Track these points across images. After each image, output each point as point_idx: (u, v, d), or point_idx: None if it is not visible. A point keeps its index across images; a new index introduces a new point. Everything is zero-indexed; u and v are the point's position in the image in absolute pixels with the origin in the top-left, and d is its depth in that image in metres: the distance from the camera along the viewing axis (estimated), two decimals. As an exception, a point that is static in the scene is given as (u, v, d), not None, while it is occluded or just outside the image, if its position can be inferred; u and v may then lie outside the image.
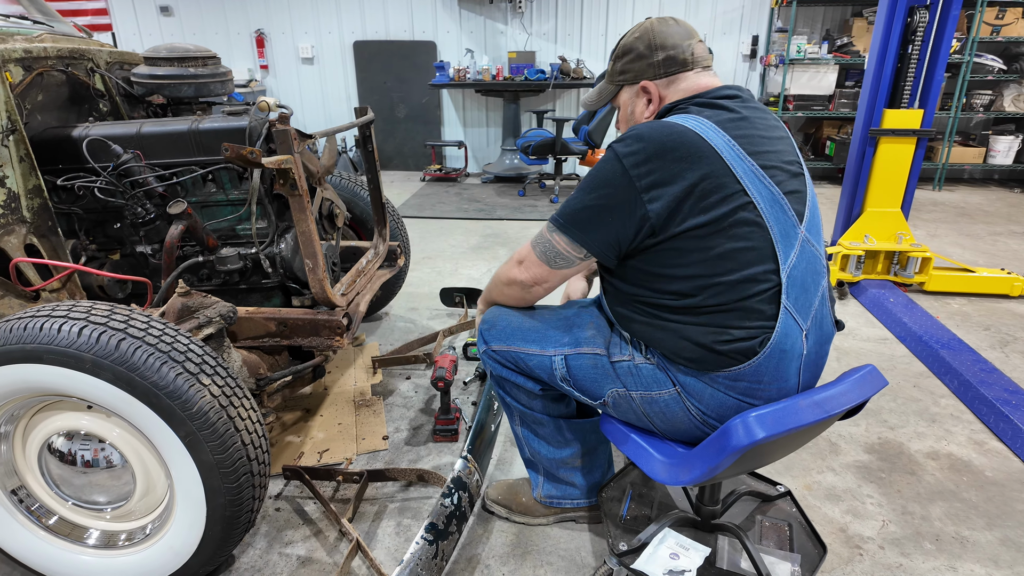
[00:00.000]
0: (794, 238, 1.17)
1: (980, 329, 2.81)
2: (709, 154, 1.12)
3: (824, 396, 1.12)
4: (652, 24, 1.29)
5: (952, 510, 1.73)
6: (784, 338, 1.15)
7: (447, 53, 6.05)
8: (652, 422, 1.30)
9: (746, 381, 1.17)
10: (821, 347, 1.23)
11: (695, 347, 1.18)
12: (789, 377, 1.19)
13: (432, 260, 3.77)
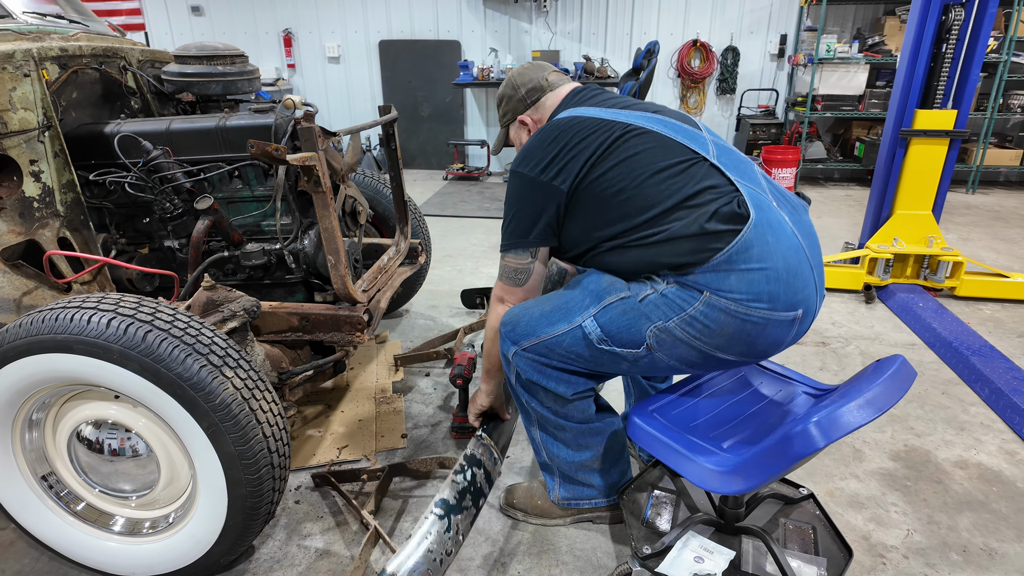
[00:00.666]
0: (702, 139, 1.36)
1: (1014, 336, 2.73)
2: (587, 122, 1.36)
3: (872, 395, 1.10)
4: (512, 72, 1.60)
5: (980, 521, 1.68)
6: (753, 195, 1.26)
7: (471, 52, 6.07)
8: (702, 345, 1.29)
9: (756, 248, 1.21)
10: (799, 216, 1.34)
11: (689, 240, 1.25)
12: (790, 239, 1.25)
13: (453, 259, 3.78)
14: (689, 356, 1.32)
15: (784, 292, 1.23)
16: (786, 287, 1.23)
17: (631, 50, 5.87)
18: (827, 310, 3.00)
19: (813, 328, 2.79)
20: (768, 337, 1.27)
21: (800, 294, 1.25)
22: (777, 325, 1.25)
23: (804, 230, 1.31)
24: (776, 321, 1.25)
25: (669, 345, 1.31)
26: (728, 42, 5.71)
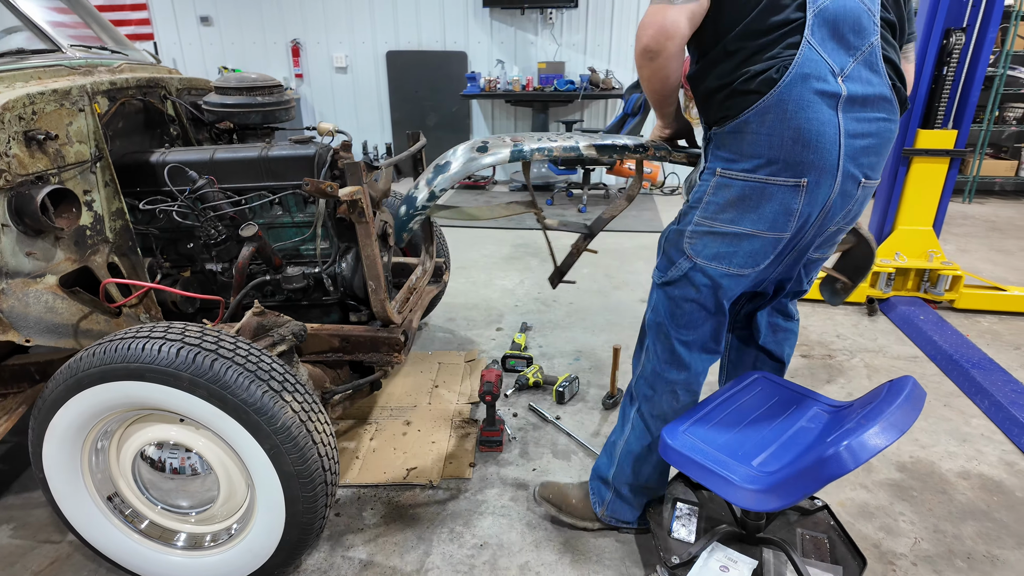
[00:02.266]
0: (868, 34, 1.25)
1: (1011, 348, 2.84)
2: None
3: (894, 418, 1.20)
4: None
5: (983, 529, 1.79)
6: (807, 63, 1.21)
7: (478, 63, 6.16)
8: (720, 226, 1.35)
9: (772, 114, 1.22)
10: (872, 104, 1.27)
11: (723, 91, 1.27)
12: (825, 112, 1.22)
13: (466, 270, 3.87)
14: (721, 249, 1.37)
15: (785, 157, 1.24)
16: (789, 152, 1.24)
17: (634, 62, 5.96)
18: (831, 323, 3.10)
19: (819, 341, 2.90)
20: (774, 204, 1.29)
21: (807, 162, 1.24)
22: (778, 191, 1.28)
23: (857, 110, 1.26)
24: (776, 186, 1.28)
25: (702, 245, 1.39)
26: (730, 54, 5.82)
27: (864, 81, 1.27)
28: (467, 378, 2.53)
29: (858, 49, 1.26)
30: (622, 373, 2.60)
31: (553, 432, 2.22)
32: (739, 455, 1.41)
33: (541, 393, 2.46)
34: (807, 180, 1.27)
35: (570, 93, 5.60)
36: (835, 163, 1.26)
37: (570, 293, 3.47)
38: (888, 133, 1.33)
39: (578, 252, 1.96)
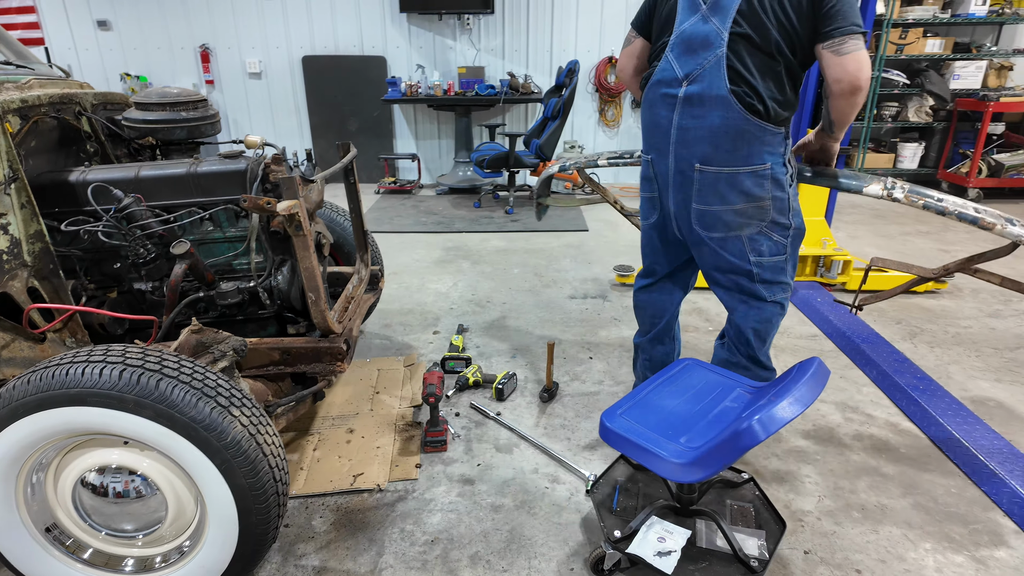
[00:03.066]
0: (696, 10, 1.71)
1: (893, 323, 3.21)
2: None
3: (799, 393, 1.38)
4: None
5: (874, 483, 2.04)
6: (661, 72, 1.79)
7: (397, 68, 6.17)
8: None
9: (642, 108, 1.90)
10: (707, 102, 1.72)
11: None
12: (664, 109, 1.79)
13: (398, 275, 3.91)
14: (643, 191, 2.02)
15: (645, 138, 1.91)
16: (646, 135, 1.90)
17: (552, 66, 6.17)
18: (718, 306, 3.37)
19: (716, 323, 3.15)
20: (641, 170, 1.98)
21: (651, 143, 1.87)
22: (643, 161, 1.95)
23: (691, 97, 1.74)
24: (643, 158, 1.95)
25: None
26: (640, 59, 6.13)
27: (705, 83, 1.71)
28: (407, 382, 2.59)
29: (705, 59, 1.69)
30: (556, 367, 2.74)
31: (495, 428, 2.32)
32: (669, 434, 1.56)
33: (481, 391, 2.56)
34: (652, 156, 1.89)
35: (491, 97, 5.72)
36: (667, 147, 1.82)
37: (503, 293, 3.59)
38: (719, 126, 1.73)
39: None
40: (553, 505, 1.93)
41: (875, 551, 1.76)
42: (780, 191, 1.81)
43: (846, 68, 1.59)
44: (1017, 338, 3.01)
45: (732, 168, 1.77)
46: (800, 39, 1.66)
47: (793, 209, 1.87)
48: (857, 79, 1.60)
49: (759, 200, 1.80)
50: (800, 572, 1.69)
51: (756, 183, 1.78)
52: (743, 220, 1.83)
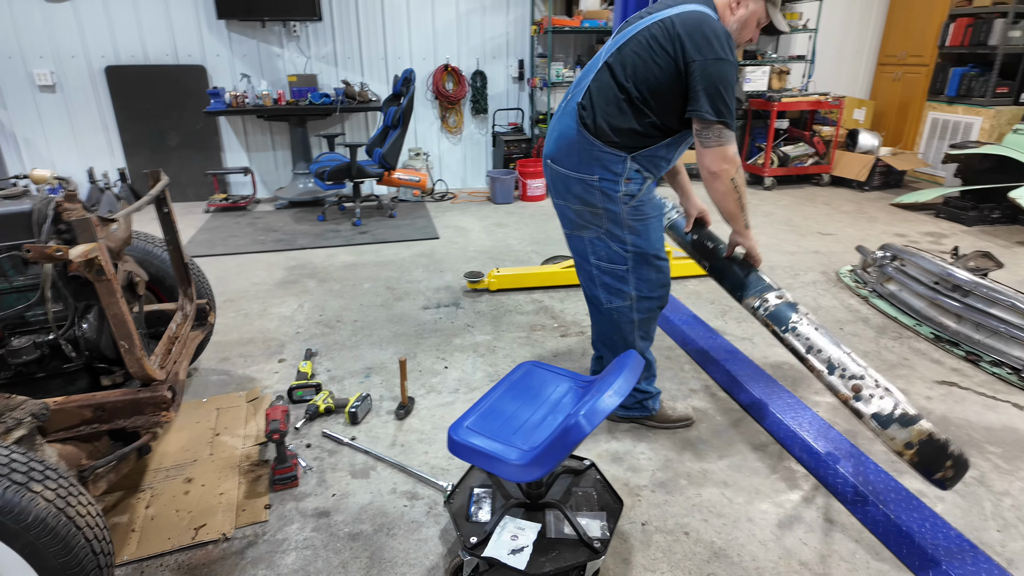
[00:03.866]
0: (594, 69, 2.01)
1: (708, 303, 3.63)
2: None
3: (617, 385, 1.52)
4: None
5: (697, 452, 2.31)
6: (568, 92, 2.14)
7: (220, 78, 5.76)
8: None
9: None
10: (567, 115, 2.05)
11: None
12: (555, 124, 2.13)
13: (235, 302, 3.68)
14: None
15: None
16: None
17: (388, 74, 6.12)
18: (582, 303, 3.63)
19: (573, 321, 3.38)
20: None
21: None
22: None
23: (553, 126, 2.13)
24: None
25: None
26: (475, 66, 6.30)
27: (574, 99, 2.02)
28: (252, 419, 2.46)
29: (588, 76, 2.01)
30: (411, 381, 2.76)
31: (350, 453, 2.29)
32: (510, 438, 1.65)
33: (334, 417, 2.51)
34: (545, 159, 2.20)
35: (327, 107, 5.55)
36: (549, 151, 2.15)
37: (354, 311, 3.52)
38: (562, 131, 2.06)
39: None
40: (412, 523, 1.96)
41: (699, 512, 2.00)
42: (612, 204, 2.04)
43: (702, 161, 1.91)
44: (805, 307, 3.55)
45: (566, 171, 2.06)
46: (662, 90, 1.91)
47: (629, 227, 2.07)
48: (710, 169, 1.91)
49: (592, 206, 2.06)
50: (639, 543, 1.88)
51: (585, 190, 2.04)
52: (582, 221, 2.11)
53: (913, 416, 1.74)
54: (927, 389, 2.69)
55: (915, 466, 1.74)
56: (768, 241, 4.74)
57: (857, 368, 1.85)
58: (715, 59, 1.80)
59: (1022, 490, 2.08)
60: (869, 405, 1.79)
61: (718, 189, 1.93)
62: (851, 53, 7.28)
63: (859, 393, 1.82)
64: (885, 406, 1.77)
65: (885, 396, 1.78)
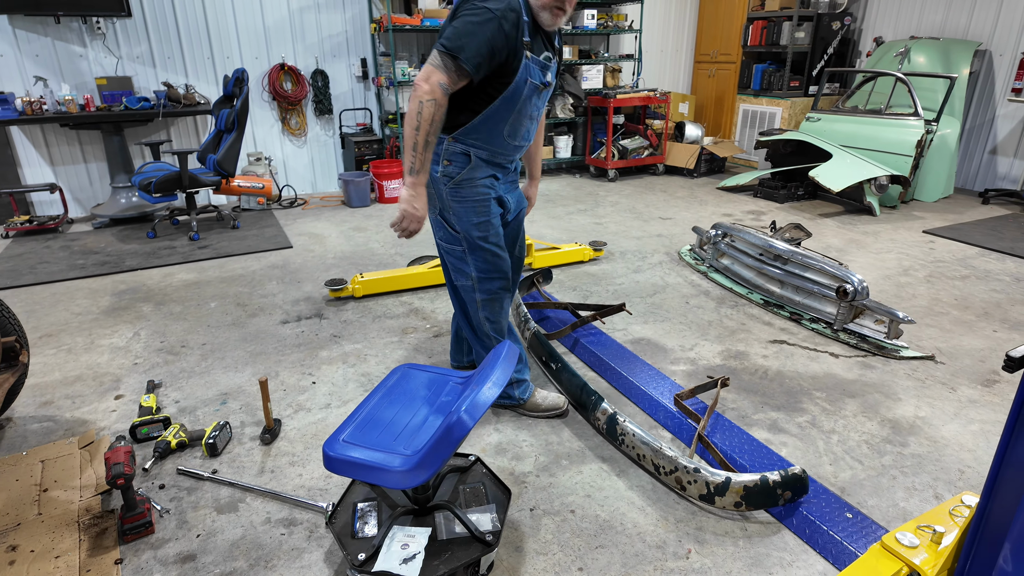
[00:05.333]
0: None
1: (571, 290, 3.80)
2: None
3: (495, 376, 1.52)
4: None
5: (576, 431, 2.40)
6: None
7: (8, 82, 4.95)
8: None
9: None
10: None
11: None
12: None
13: (54, 337, 3.19)
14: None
15: None
16: None
17: (217, 75, 5.65)
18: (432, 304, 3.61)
19: (445, 319, 3.36)
20: None
21: None
22: None
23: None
24: None
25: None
26: (315, 65, 6.01)
27: None
28: (88, 467, 2.15)
29: None
30: (275, 402, 2.57)
31: (213, 488, 2.08)
32: (391, 446, 1.60)
33: (190, 452, 2.26)
34: None
35: (147, 111, 5.00)
36: None
37: (201, 333, 3.21)
38: None
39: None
40: (293, 550, 1.83)
41: (582, 490, 2.09)
42: (435, 186, 2.14)
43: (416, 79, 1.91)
44: (653, 286, 3.84)
45: None
46: None
47: (452, 209, 2.16)
48: (415, 84, 1.89)
49: (429, 187, 2.13)
50: (528, 528, 1.92)
51: None
52: (430, 203, 2.20)
53: (722, 483, 1.94)
54: (763, 349, 3.03)
55: (756, 509, 1.95)
56: (617, 228, 5.06)
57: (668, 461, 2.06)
58: (470, 5, 1.88)
59: (845, 427, 2.42)
60: (690, 491, 2.01)
61: (410, 107, 1.89)
62: (672, 52, 8.00)
63: (681, 483, 2.02)
64: (701, 488, 1.97)
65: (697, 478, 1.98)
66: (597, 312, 3.17)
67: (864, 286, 3.04)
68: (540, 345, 2.85)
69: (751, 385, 2.71)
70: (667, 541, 1.86)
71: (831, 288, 3.17)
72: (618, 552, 1.82)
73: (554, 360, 2.71)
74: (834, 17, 6.84)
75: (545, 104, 2.19)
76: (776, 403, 2.57)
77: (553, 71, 2.14)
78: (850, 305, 3.08)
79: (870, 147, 5.51)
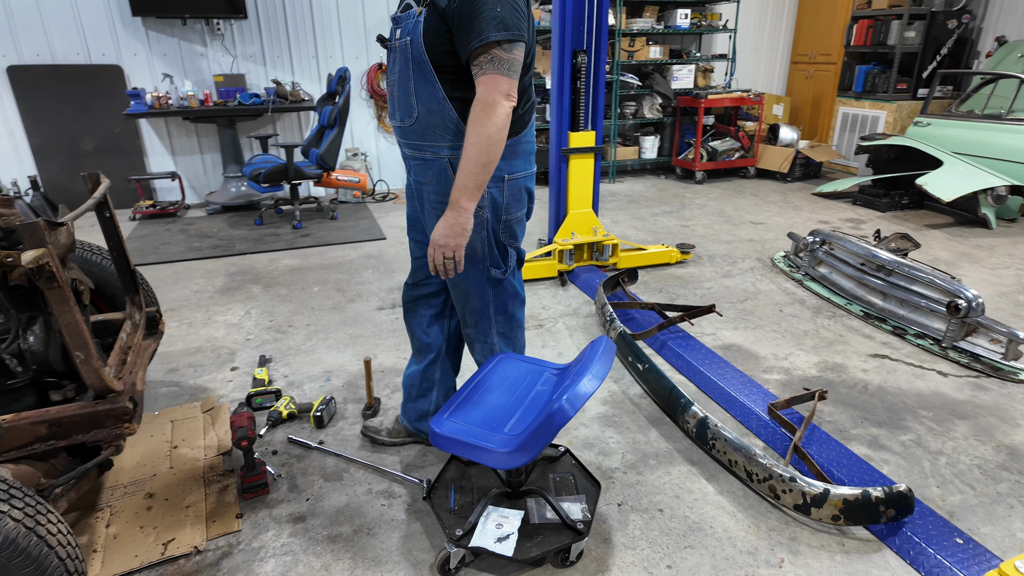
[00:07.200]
0: None
1: (656, 292, 3.77)
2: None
3: (595, 369, 1.56)
4: None
5: (663, 432, 2.40)
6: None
7: (139, 79, 5.44)
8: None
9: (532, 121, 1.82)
10: None
11: None
12: None
13: (177, 312, 3.50)
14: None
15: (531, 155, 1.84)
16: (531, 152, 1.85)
17: (320, 73, 5.97)
18: (536, 297, 3.68)
19: (530, 315, 3.43)
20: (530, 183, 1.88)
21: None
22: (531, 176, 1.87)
23: None
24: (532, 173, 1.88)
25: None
26: (411, 65, 6.23)
27: None
28: (210, 429, 2.36)
29: None
30: (376, 382, 2.71)
31: (320, 457, 2.24)
32: (493, 427, 1.67)
33: (298, 423, 2.44)
34: None
35: (257, 107, 5.36)
36: None
37: (305, 315, 3.43)
38: None
39: None
40: (392, 521, 1.94)
41: (670, 490, 2.09)
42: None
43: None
44: (743, 292, 3.75)
45: None
46: None
47: None
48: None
49: None
50: (616, 523, 1.94)
51: None
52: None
53: (820, 494, 1.87)
54: (863, 362, 2.91)
55: (855, 524, 1.87)
56: (704, 231, 4.96)
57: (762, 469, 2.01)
58: None
59: (954, 449, 2.29)
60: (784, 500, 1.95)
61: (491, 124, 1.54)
62: (767, 52, 7.72)
63: (775, 492, 1.97)
64: (796, 498, 1.92)
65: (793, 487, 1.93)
66: (685, 313, 3.14)
67: (979, 302, 2.85)
68: (626, 345, 2.86)
69: (850, 399, 2.60)
70: (759, 548, 1.83)
71: (941, 303, 2.99)
72: (707, 554, 1.81)
73: (641, 361, 2.71)
74: (950, 15, 6.39)
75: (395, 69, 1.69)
76: (877, 419, 2.46)
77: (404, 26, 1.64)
78: (962, 322, 2.90)
79: (987, 155, 5.12)
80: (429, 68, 1.57)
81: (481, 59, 1.46)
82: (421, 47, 1.55)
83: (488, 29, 1.43)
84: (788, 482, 1.94)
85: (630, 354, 2.82)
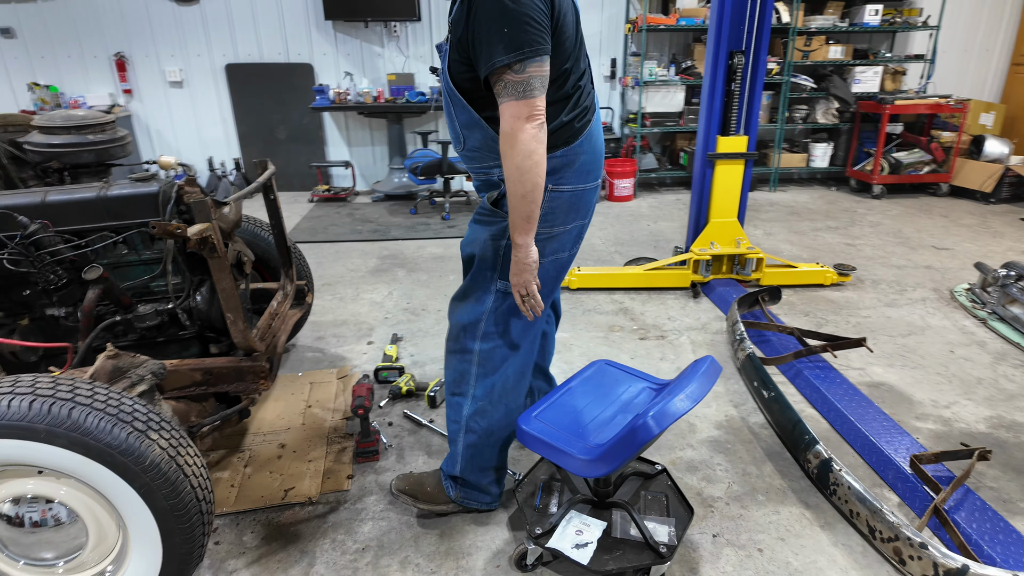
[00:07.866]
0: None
1: (802, 316, 3.45)
2: None
3: (690, 390, 1.50)
4: None
5: (779, 467, 2.21)
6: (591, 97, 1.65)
7: (325, 75, 6.11)
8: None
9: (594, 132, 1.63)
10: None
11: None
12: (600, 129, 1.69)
13: (332, 287, 3.90)
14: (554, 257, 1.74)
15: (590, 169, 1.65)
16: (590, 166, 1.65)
17: (482, 73, 6.25)
18: (663, 307, 3.56)
19: (653, 324, 3.33)
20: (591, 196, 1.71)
21: (597, 171, 1.69)
22: (591, 191, 1.69)
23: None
24: (592, 188, 1.69)
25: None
26: (568, 65, 6.30)
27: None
28: (341, 395, 2.61)
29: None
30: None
31: (427, 435, 2.38)
32: (578, 432, 1.67)
33: (415, 400, 2.61)
34: (596, 183, 1.73)
35: (422, 105, 5.75)
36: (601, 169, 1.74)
37: (439, 301, 3.64)
38: None
39: None
40: (481, 507, 2.01)
41: (776, 531, 1.92)
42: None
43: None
44: (908, 325, 3.30)
45: None
46: None
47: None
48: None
49: None
50: (708, 554, 1.83)
51: None
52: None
53: (957, 569, 1.60)
54: (1050, 422, 2.43)
55: None
56: (872, 252, 4.43)
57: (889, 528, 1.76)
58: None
59: None
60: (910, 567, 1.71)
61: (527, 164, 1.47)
62: (978, 52, 6.66)
63: (900, 555, 1.73)
64: (926, 568, 1.67)
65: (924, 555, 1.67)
66: (829, 343, 2.85)
67: None
68: (754, 368, 2.66)
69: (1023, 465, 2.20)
70: (871, 614, 1.63)
71: None
72: (807, 607, 1.65)
73: (767, 388, 2.51)
74: None
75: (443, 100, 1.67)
76: (1058, 494, 2.05)
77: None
78: None
79: None
80: (459, 98, 1.54)
81: (497, 87, 1.40)
82: (449, 79, 1.54)
83: (495, 54, 1.35)
84: (918, 548, 1.70)
85: (756, 379, 2.62)
